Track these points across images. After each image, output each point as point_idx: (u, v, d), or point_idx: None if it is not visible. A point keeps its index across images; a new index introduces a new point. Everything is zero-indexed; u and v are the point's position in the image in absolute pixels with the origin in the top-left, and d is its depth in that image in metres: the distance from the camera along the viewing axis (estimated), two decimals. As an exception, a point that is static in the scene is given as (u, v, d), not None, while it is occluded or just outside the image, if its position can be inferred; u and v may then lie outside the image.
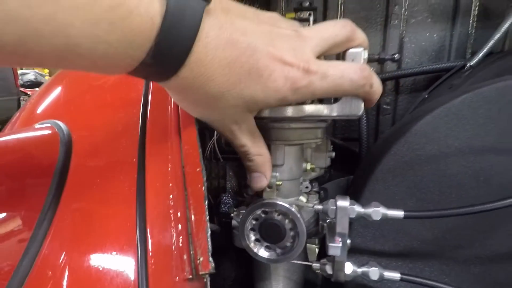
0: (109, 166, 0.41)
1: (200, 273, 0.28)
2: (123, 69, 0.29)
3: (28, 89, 5.83)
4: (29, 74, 6.53)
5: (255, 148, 0.40)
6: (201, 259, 0.29)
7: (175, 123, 0.40)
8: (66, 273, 0.34)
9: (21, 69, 7.08)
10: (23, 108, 0.64)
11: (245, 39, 0.32)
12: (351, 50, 0.42)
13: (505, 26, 0.60)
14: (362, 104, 0.42)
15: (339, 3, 0.77)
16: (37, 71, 7.02)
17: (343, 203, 0.42)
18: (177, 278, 0.29)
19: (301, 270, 0.56)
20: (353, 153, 0.80)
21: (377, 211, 0.42)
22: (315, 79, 0.35)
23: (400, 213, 0.42)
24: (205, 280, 0.29)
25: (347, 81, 0.37)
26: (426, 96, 0.71)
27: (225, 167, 0.70)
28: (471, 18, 0.72)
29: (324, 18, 0.79)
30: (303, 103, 0.45)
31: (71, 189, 0.39)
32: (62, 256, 0.35)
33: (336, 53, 0.42)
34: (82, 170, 0.41)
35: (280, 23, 0.38)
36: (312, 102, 0.45)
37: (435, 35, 0.75)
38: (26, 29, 0.22)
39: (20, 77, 6.07)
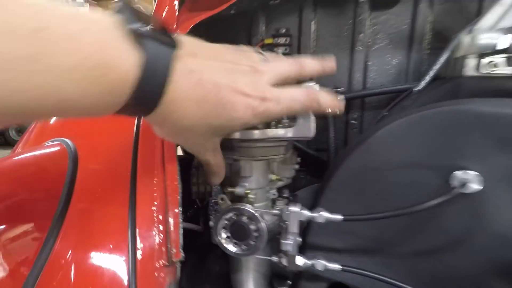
0: (108, 179, 0.51)
1: (173, 260, 0.39)
2: (109, 112, 0.34)
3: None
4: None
5: (215, 161, 0.51)
6: (174, 251, 0.39)
7: (160, 145, 0.51)
8: (73, 265, 0.45)
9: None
10: (33, 126, 0.74)
11: (211, 79, 0.42)
12: (305, 84, 0.53)
13: (446, 54, 0.70)
14: (313, 128, 0.53)
15: (312, 30, 0.88)
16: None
17: (294, 208, 0.53)
18: (157, 265, 0.40)
19: (268, 264, 0.67)
20: (324, 162, 0.91)
21: (321, 215, 0.53)
22: (271, 105, 0.46)
23: (340, 217, 0.52)
24: (176, 265, 0.39)
25: (296, 103, 0.48)
26: (385, 113, 0.81)
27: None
28: (424, 45, 0.83)
29: (299, 43, 0.89)
30: (268, 124, 0.55)
31: (78, 198, 0.49)
32: (70, 252, 0.45)
33: (289, 83, 0.53)
34: (87, 182, 0.52)
35: (241, 61, 0.48)
36: (278, 122, 0.56)
37: (394, 60, 0.86)
38: (26, 97, 0.27)
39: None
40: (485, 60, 0.59)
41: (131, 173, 0.51)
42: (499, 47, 0.54)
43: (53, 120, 0.72)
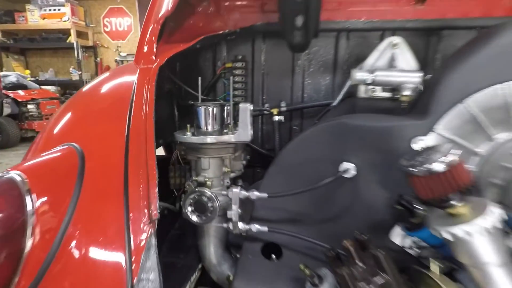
0: (107, 170, 0.75)
1: (153, 218, 0.64)
2: None
3: (10, 92, 5.84)
4: (11, 76, 6.44)
5: None
6: (154, 212, 0.64)
7: (144, 148, 0.75)
8: (83, 240, 0.68)
9: (1, 70, 7.07)
10: (42, 132, 0.97)
11: None
12: (241, 105, 0.79)
13: (349, 81, 0.98)
14: (250, 135, 0.79)
15: (262, 57, 1.14)
16: (18, 73, 7.01)
17: (236, 190, 0.79)
18: (143, 221, 0.65)
19: (223, 232, 0.92)
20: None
21: (253, 194, 0.79)
22: None
23: (265, 195, 0.79)
24: (155, 222, 0.64)
25: None
26: (316, 121, 1.09)
27: (185, 169, 1.04)
28: (345, 69, 1.10)
29: (252, 67, 1.16)
30: (221, 132, 0.81)
31: (86, 186, 0.73)
32: (79, 230, 0.69)
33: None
34: (92, 175, 0.75)
35: None
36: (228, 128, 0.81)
37: (324, 81, 1.13)
38: None
39: (1, 79, 6.09)
40: (369, 87, 0.87)
41: (124, 166, 0.76)
42: (367, 82, 0.81)
43: (57, 129, 0.95)
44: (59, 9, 7.73)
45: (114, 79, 1.06)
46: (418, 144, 0.70)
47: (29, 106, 6.22)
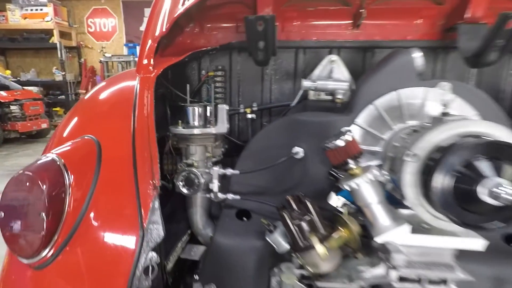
0: (119, 154, 1.02)
1: (156, 185, 0.92)
2: None
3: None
4: (-7, 77, 6.40)
5: None
6: (156, 181, 0.92)
7: (147, 135, 1.02)
8: (104, 205, 0.95)
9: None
10: (57, 129, 1.21)
11: None
12: (219, 105, 1.07)
13: (302, 88, 1.28)
14: (226, 127, 1.07)
15: (238, 67, 1.43)
16: (0, 73, 6.98)
17: (216, 168, 1.07)
18: (149, 187, 0.92)
19: (207, 203, 1.20)
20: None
21: (228, 171, 1.07)
22: None
23: (237, 172, 1.08)
24: (158, 188, 0.92)
25: None
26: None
27: (176, 158, 1.31)
28: (302, 78, 1.40)
29: (230, 75, 1.44)
30: (206, 125, 1.09)
31: (104, 167, 0.99)
32: (100, 199, 0.95)
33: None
34: (108, 158, 1.01)
35: None
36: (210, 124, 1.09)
37: (288, 86, 1.43)
38: None
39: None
40: (315, 92, 1.18)
41: (132, 151, 1.02)
42: (311, 88, 1.12)
43: (73, 126, 1.20)
44: (41, 9, 7.72)
45: (116, 85, 1.32)
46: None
47: (12, 107, 6.22)
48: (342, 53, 1.36)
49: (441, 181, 0.65)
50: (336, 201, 1.00)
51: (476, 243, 0.76)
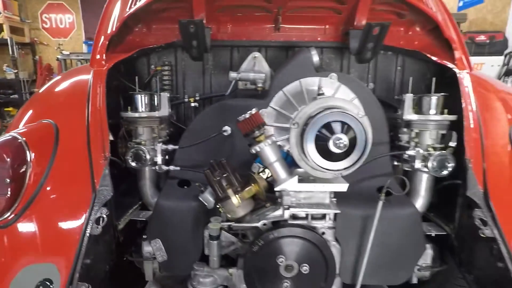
0: (74, 139, 1.21)
1: (106, 156, 1.13)
2: None
3: None
4: None
5: None
6: (106, 154, 1.13)
7: (100, 119, 1.22)
8: (60, 175, 1.15)
9: None
10: (17, 114, 1.37)
11: None
12: (161, 94, 1.31)
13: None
14: (168, 111, 1.31)
15: (182, 63, 1.67)
16: None
17: (159, 145, 1.31)
18: (102, 157, 1.13)
19: (154, 176, 1.43)
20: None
21: (170, 146, 1.31)
22: None
23: (177, 147, 1.32)
24: (107, 159, 1.13)
25: None
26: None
27: (128, 141, 1.51)
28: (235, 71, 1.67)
29: (176, 69, 1.67)
30: (154, 109, 1.32)
31: (61, 145, 1.18)
32: (57, 171, 1.15)
33: None
34: (64, 142, 1.20)
35: None
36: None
37: (225, 78, 1.68)
38: None
39: None
40: (243, 82, 1.45)
41: (87, 131, 1.22)
42: (236, 79, 1.39)
43: (32, 112, 1.37)
44: (-12, 3, 7.33)
45: (72, 78, 1.50)
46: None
47: (-42, 107, 5.90)
48: (269, 51, 1.65)
49: (308, 139, 0.95)
50: (256, 168, 1.27)
51: (342, 186, 1.07)
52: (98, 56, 1.42)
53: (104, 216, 1.08)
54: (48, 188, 1.12)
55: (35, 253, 1.04)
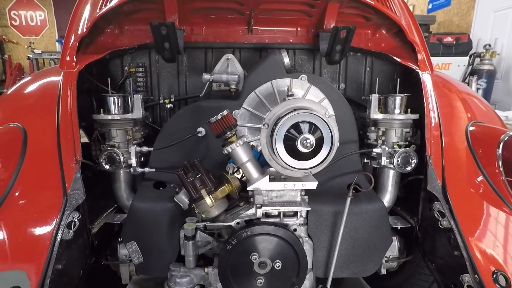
0: (44, 142, 1.19)
1: (78, 160, 1.12)
2: None
3: None
4: None
5: None
6: (78, 158, 1.12)
7: (70, 122, 1.21)
8: (29, 179, 1.13)
9: None
10: None
11: None
12: (135, 95, 1.31)
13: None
14: (142, 113, 1.31)
15: (156, 64, 1.66)
16: None
17: (133, 147, 1.30)
18: (73, 161, 1.12)
19: (129, 178, 1.42)
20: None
21: (144, 148, 1.31)
22: None
23: (151, 148, 1.32)
24: (80, 162, 1.12)
25: None
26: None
27: (102, 144, 1.49)
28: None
29: (150, 71, 1.66)
30: (128, 111, 1.31)
31: (30, 148, 1.16)
32: (26, 175, 1.12)
33: None
34: (33, 145, 1.18)
35: None
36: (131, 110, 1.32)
37: (199, 79, 1.69)
38: None
39: None
40: (216, 83, 1.47)
41: (57, 133, 1.20)
42: (210, 81, 1.40)
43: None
44: (-49, -1, 6.95)
45: (42, 79, 1.46)
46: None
47: None
48: (242, 52, 1.67)
49: (278, 139, 0.98)
50: (231, 168, 1.30)
51: (312, 184, 1.11)
52: (68, 58, 1.39)
53: (76, 220, 1.07)
54: (16, 194, 1.09)
55: (3, 260, 1.02)
